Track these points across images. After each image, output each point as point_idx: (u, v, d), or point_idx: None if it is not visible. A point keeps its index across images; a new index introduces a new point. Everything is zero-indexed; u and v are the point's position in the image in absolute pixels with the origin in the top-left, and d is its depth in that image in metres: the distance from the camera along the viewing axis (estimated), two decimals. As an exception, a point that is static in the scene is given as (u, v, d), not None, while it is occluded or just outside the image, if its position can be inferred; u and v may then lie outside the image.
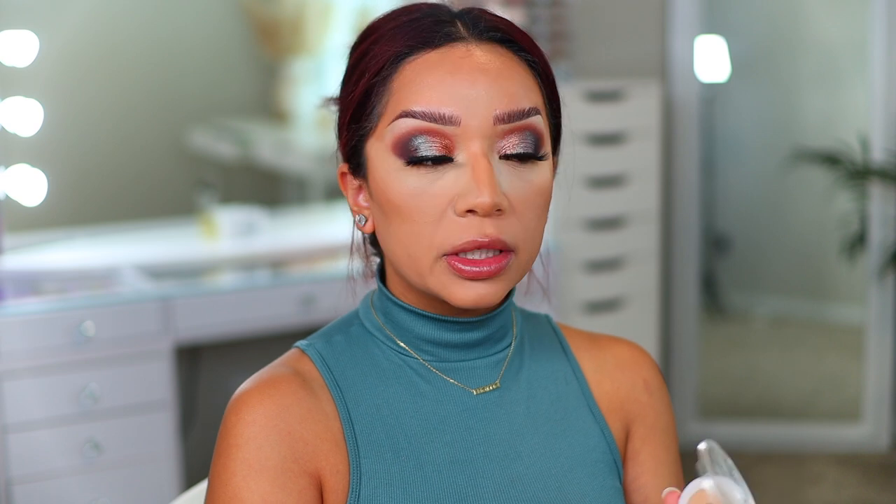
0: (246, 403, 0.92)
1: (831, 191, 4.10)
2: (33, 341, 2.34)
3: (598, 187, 3.18)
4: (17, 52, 2.82)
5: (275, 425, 0.91)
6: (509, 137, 0.90)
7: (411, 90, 0.89)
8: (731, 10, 5.00)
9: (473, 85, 0.89)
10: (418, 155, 0.89)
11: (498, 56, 0.91)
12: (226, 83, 3.71)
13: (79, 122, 3.33)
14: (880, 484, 3.40)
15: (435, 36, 0.91)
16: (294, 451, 0.90)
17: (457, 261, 0.89)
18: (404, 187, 0.89)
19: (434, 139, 0.88)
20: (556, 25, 3.34)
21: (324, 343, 0.98)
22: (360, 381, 0.96)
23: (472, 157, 0.88)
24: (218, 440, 0.93)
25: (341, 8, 3.73)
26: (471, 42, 0.91)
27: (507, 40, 0.93)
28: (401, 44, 0.91)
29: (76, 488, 2.39)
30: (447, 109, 0.88)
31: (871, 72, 3.62)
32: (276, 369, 0.95)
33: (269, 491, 0.89)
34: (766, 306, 5.22)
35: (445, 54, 0.90)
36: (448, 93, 0.88)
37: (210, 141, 3.62)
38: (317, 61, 3.79)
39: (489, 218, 0.88)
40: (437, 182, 0.89)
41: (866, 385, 3.72)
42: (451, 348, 0.97)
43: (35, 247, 2.90)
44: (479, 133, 0.88)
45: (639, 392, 1.06)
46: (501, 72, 0.90)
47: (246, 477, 0.89)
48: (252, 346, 2.91)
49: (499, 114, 0.89)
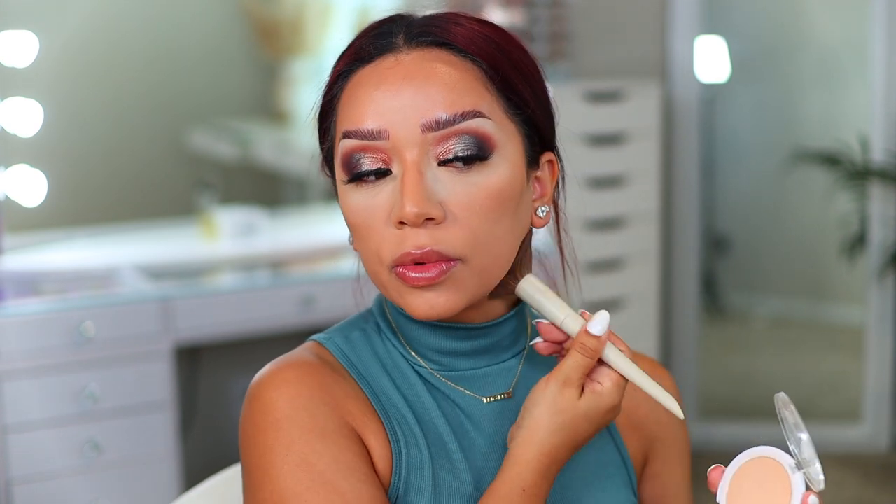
0: (285, 380, 0.90)
1: (831, 191, 4.10)
2: (33, 341, 2.34)
3: (598, 188, 3.18)
4: (17, 52, 2.82)
5: (321, 396, 0.89)
6: (445, 143, 0.87)
7: (347, 109, 0.90)
8: (731, 10, 5.00)
9: (397, 95, 0.87)
10: (358, 171, 0.89)
11: (429, 61, 0.88)
12: (226, 83, 3.71)
13: (79, 122, 3.33)
14: (880, 484, 3.40)
15: (368, 50, 0.90)
16: (346, 423, 0.90)
17: (403, 269, 0.87)
18: (352, 204, 0.90)
19: (370, 155, 0.88)
20: (556, 25, 3.34)
21: (342, 338, 0.98)
22: (379, 376, 0.95)
23: (402, 168, 0.87)
24: (251, 422, 0.90)
25: (341, 8, 3.73)
26: (402, 50, 0.89)
27: (442, 43, 0.89)
28: (343, 61, 0.92)
29: (76, 488, 2.39)
30: (373, 125, 0.87)
31: (871, 72, 3.62)
32: (301, 354, 0.94)
33: (338, 452, 0.87)
34: (766, 307, 5.22)
35: (375, 68, 0.89)
36: (373, 107, 0.87)
37: (210, 141, 3.62)
38: (317, 61, 3.79)
39: (422, 228, 0.86)
40: (377, 196, 0.88)
41: (866, 385, 3.71)
42: (457, 356, 0.95)
43: (35, 247, 2.90)
44: (409, 143, 0.87)
45: (660, 412, 1.04)
46: (429, 78, 0.87)
47: (309, 441, 0.87)
48: (252, 347, 2.91)
49: (425, 122, 0.86)
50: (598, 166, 3.18)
